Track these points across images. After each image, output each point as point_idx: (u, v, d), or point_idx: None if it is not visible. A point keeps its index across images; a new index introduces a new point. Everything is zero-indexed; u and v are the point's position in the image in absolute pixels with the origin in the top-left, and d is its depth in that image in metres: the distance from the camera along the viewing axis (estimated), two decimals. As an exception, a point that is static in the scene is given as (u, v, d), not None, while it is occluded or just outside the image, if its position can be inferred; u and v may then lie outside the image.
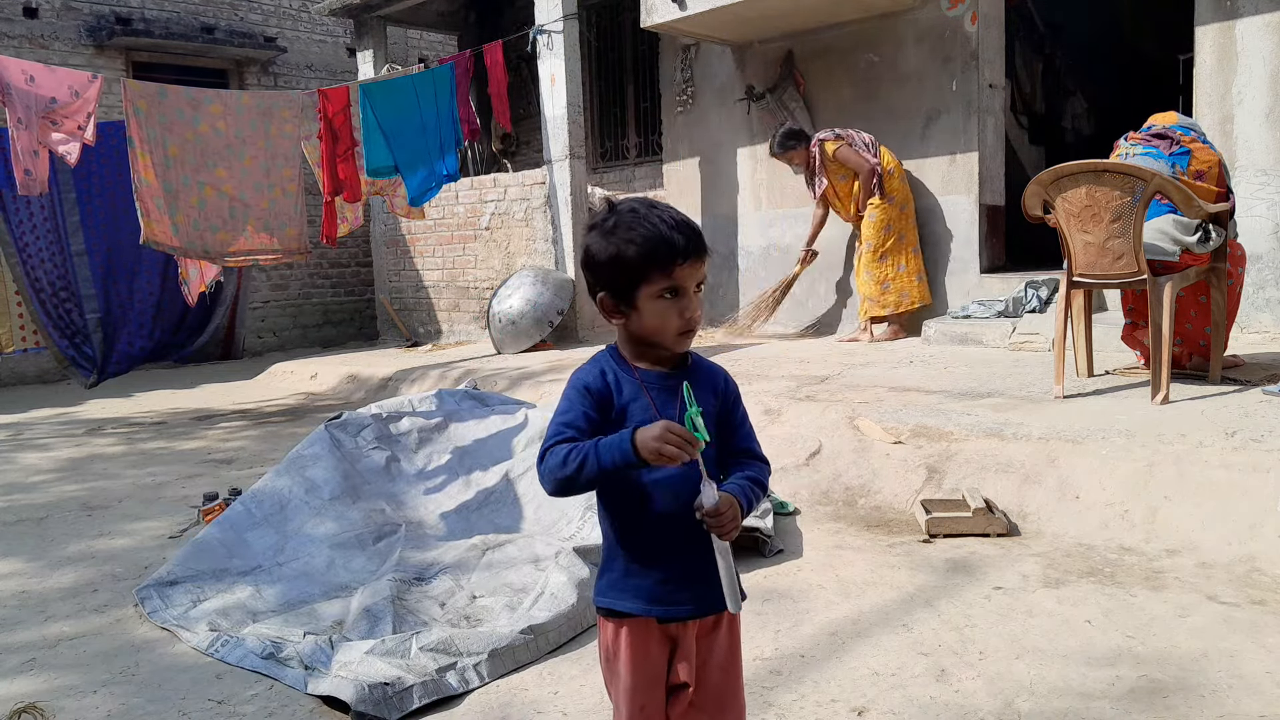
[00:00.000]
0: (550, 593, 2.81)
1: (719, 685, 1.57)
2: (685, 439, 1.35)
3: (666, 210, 1.50)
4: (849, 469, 4.05)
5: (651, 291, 1.46)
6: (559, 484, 1.44)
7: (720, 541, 1.42)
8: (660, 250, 1.45)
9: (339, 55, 12.04)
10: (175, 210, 6.10)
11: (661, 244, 1.45)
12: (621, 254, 1.46)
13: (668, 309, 1.47)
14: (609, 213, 1.51)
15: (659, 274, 1.45)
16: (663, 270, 1.45)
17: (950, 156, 7.03)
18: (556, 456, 1.44)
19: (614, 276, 1.48)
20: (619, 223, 1.48)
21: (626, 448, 1.38)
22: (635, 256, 1.45)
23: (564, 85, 8.17)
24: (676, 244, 1.45)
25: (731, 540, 1.43)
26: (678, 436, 1.35)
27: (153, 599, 3.06)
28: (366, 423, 4.17)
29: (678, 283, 1.46)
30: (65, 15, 9.99)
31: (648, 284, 1.46)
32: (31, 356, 8.42)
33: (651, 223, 1.46)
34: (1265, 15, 5.56)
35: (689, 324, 1.48)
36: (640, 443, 1.36)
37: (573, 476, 1.42)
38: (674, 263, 1.45)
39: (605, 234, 1.49)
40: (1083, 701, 2.18)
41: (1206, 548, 3.08)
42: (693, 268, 1.47)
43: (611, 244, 1.48)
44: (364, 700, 2.28)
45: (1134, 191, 4.01)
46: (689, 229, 1.47)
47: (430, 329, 9.99)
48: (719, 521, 1.40)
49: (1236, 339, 5.02)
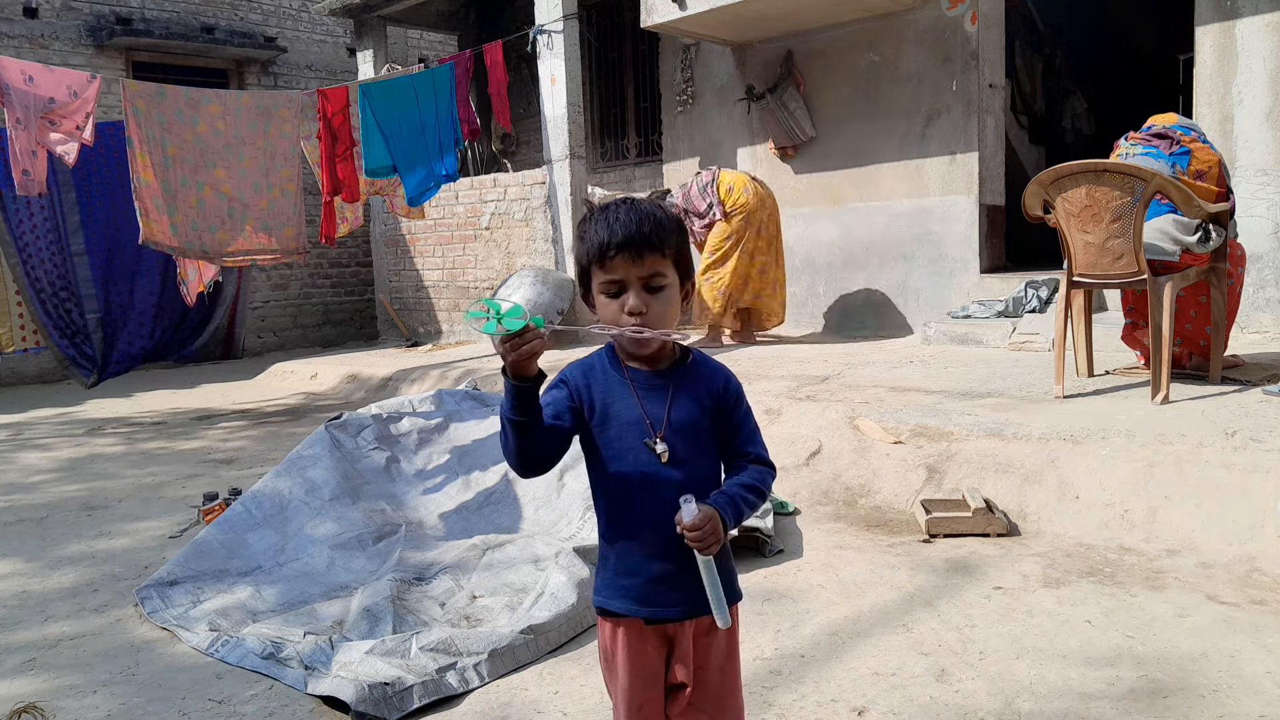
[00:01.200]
0: (550, 593, 2.80)
1: (717, 685, 1.57)
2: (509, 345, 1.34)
3: (628, 208, 1.49)
4: (849, 469, 4.05)
5: (597, 286, 1.50)
6: (507, 455, 1.47)
7: (702, 556, 1.41)
8: (595, 247, 1.47)
9: (339, 55, 12.04)
10: (174, 210, 6.09)
11: (602, 242, 1.47)
12: (577, 254, 1.54)
13: (610, 305, 1.49)
14: (586, 214, 1.55)
15: (597, 269, 1.49)
16: (599, 265, 1.48)
17: (950, 156, 7.03)
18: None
19: (580, 273, 1.54)
20: (585, 224, 1.52)
21: (503, 377, 1.40)
22: (582, 255, 1.51)
23: (564, 85, 8.17)
24: (610, 239, 1.45)
25: (713, 555, 1.41)
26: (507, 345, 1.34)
27: (153, 599, 3.06)
28: (366, 423, 4.17)
29: (615, 276, 1.47)
30: (65, 15, 9.98)
31: (593, 279, 1.51)
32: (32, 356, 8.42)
33: (604, 221, 1.48)
34: (1265, 15, 5.56)
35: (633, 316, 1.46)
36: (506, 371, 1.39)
37: (505, 443, 1.45)
38: (606, 257, 1.46)
39: (578, 236, 1.54)
40: (1083, 702, 2.18)
41: (1206, 548, 3.08)
42: (630, 262, 1.45)
43: (575, 245, 1.55)
44: (364, 700, 2.28)
45: (1134, 191, 4.00)
46: (634, 224, 1.46)
47: (430, 329, 9.99)
48: (698, 536, 1.39)
49: (1236, 339, 5.03)
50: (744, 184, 6.96)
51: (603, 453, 1.50)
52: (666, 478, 1.47)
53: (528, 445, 1.44)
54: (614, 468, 1.49)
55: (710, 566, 1.42)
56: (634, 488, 1.49)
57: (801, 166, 7.90)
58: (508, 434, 1.43)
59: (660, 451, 1.47)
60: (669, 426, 1.49)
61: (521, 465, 1.47)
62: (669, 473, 1.47)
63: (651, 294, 1.47)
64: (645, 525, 1.49)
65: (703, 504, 1.42)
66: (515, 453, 1.45)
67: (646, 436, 1.48)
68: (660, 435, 1.48)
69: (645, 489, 1.48)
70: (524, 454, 1.45)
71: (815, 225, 7.86)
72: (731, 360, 6.21)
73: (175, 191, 6.11)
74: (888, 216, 7.42)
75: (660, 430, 1.49)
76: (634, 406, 1.50)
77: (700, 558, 1.41)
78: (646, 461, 1.48)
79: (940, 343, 6.41)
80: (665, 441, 1.48)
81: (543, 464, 1.48)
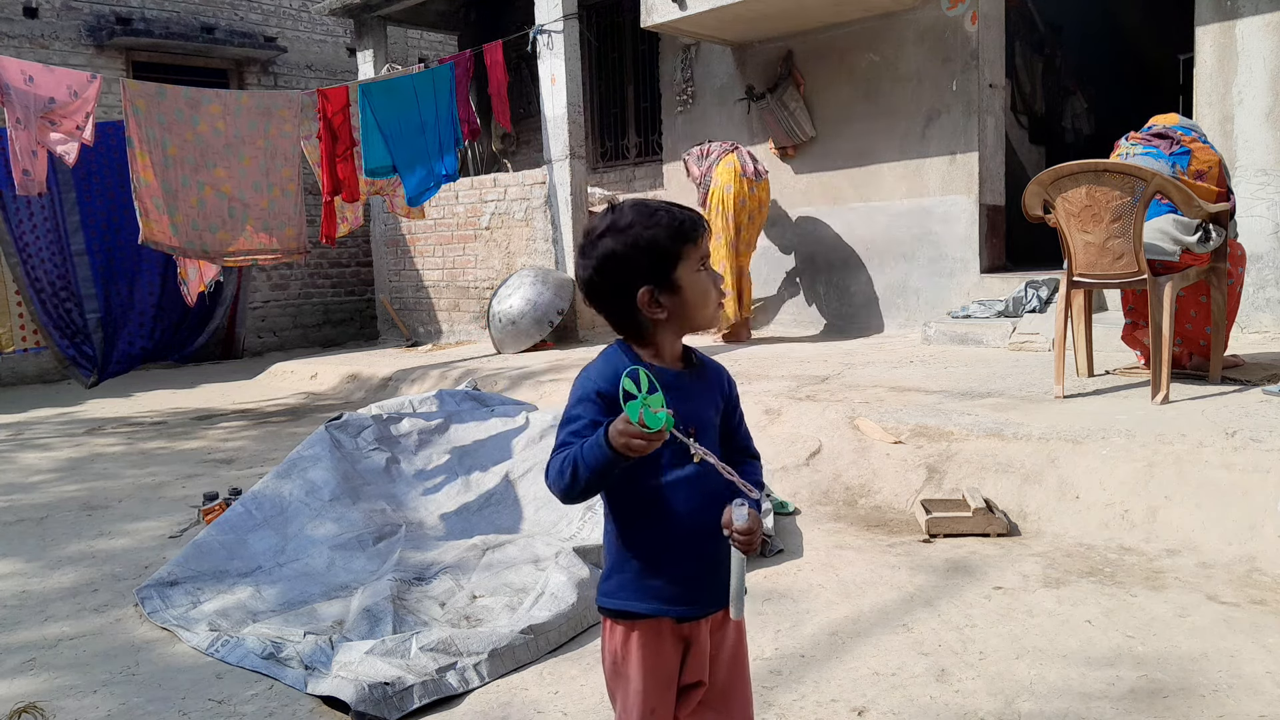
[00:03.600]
0: (550, 593, 2.80)
1: (727, 679, 1.58)
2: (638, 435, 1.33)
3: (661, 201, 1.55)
4: (849, 469, 4.05)
5: (690, 266, 1.50)
6: (564, 493, 1.45)
7: (740, 555, 1.43)
8: (684, 225, 1.49)
9: (339, 55, 12.04)
10: (174, 210, 6.09)
11: (681, 220, 1.49)
12: (654, 240, 1.47)
13: (706, 281, 1.51)
14: (612, 214, 1.51)
15: (691, 247, 1.49)
16: (694, 242, 1.50)
17: (950, 156, 7.03)
18: (554, 467, 1.44)
19: (651, 264, 1.48)
20: (632, 216, 1.49)
21: (603, 445, 1.37)
22: (668, 237, 1.48)
23: (564, 85, 8.17)
24: (691, 217, 1.51)
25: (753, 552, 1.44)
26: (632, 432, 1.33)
27: (153, 599, 3.06)
28: (367, 424, 4.17)
29: (707, 252, 1.53)
30: (65, 15, 9.98)
31: (684, 260, 1.49)
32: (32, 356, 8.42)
33: (656, 207, 1.51)
34: (1265, 15, 5.56)
35: (721, 293, 1.55)
36: (612, 440, 1.36)
37: (570, 485, 1.42)
38: (699, 232, 1.50)
39: (622, 230, 1.48)
40: (1083, 702, 2.18)
41: (1206, 548, 3.08)
42: (706, 239, 1.53)
43: (632, 236, 1.47)
44: (364, 700, 2.28)
45: (1134, 191, 4.00)
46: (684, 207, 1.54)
47: (430, 329, 9.99)
48: (749, 540, 1.41)
49: (1236, 339, 5.02)
50: (729, 180, 7.05)
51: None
52: (695, 475, 1.48)
53: (591, 494, 1.46)
54: (644, 467, 1.47)
55: (743, 563, 1.44)
56: (664, 487, 1.49)
57: (801, 166, 7.90)
58: (580, 487, 1.42)
59: (694, 452, 1.45)
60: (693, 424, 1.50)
61: (573, 503, 1.50)
62: (696, 470, 1.47)
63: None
64: (676, 524, 1.48)
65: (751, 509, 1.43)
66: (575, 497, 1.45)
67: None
68: (693, 431, 1.46)
69: (675, 487, 1.49)
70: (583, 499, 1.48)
71: (815, 225, 7.86)
72: (731, 360, 6.21)
73: (175, 191, 6.11)
74: (888, 216, 7.42)
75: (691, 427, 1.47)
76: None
77: (737, 556, 1.43)
78: (677, 460, 1.48)
79: (940, 343, 6.41)
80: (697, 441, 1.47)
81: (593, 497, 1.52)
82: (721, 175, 7.09)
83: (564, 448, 1.44)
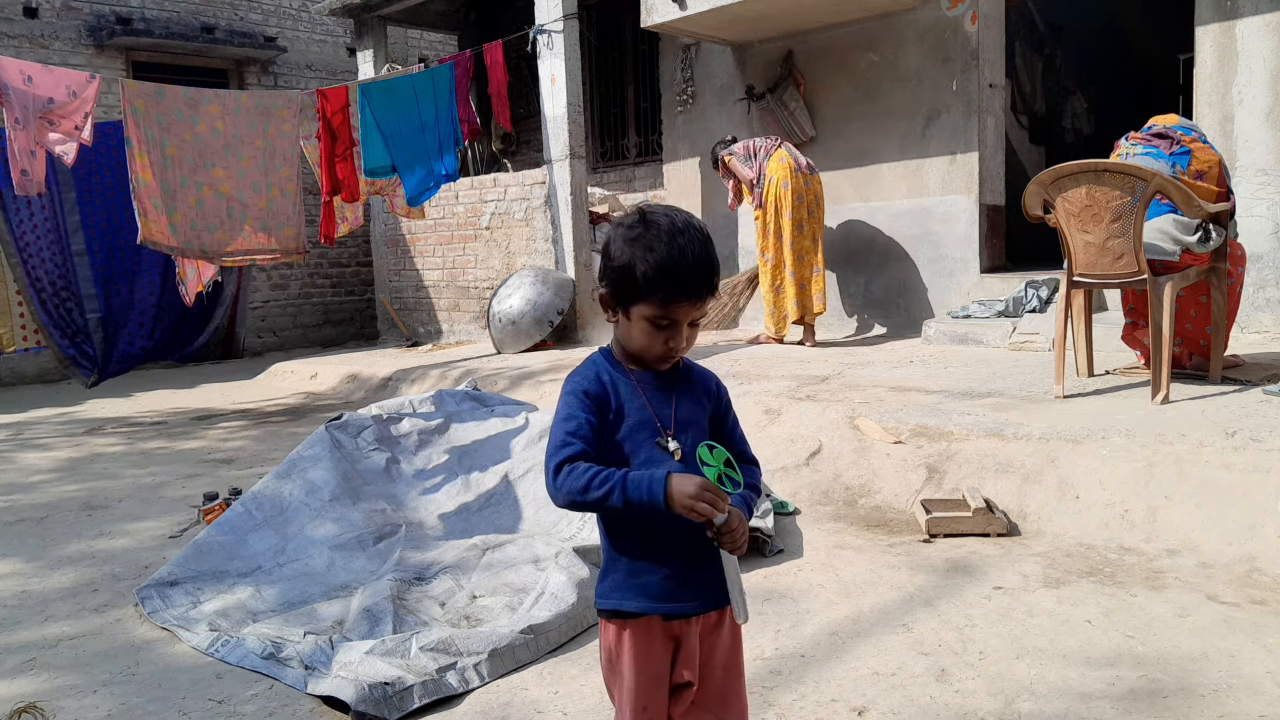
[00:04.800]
0: (550, 593, 2.80)
1: (722, 683, 1.58)
2: (719, 496, 1.37)
3: (694, 238, 1.46)
4: (849, 469, 4.05)
5: (643, 313, 1.46)
6: (575, 505, 1.44)
7: (729, 555, 1.45)
8: (667, 283, 1.43)
9: (339, 55, 12.04)
10: (172, 210, 6.09)
11: (671, 277, 1.43)
12: (631, 267, 1.45)
13: (654, 335, 1.48)
14: (639, 221, 1.49)
15: (657, 302, 1.45)
16: (662, 302, 1.45)
17: (950, 156, 7.03)
18: (578, 479, 1.41)
19: (618, 281, 1.48)
20: (644, 235, 1.46)
21: (658, 495, 1.37)
22: (641, 277, 1.44)
23: (564, 85, 8.17)
24: (685, 284, 1.43)
25: (741, 553, 1.45)
26: (713, 494, 1.36)
27: (153, 599, 3.06)
28: (367, 424, 4.17)
29: (672, 317, 1.46)
30: (65, 15, 9.98)
31: (644, 304, 1.46)
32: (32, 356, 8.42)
33: (674, 251, 1.43)
34: (1265, 15, 5.56)
35: (670, 354, 1.50)
36: (675, 496, 1.36)
37: (593, 504, 1.42)
38: (676, 300, 1.44)
39: (628, 240, 1.47)
40: (1083, 702, 2.18)
41: (1207, 548, 3.08)
42: (693, 307, 1.47)
43: (627, 253, 1.46)
44: (364, 700, 2.28)
45: (1134, 191, 4.00)
46: (705, 270, 1.45)
47: (430, 329, 9.99)
48: (731, 537, 1.42)
49: (1237, 339, 5.02)
50: (784, 175, 6.65)
51: (619, 453, 1.51)
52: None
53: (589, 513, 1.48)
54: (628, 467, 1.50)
55: (735, 564, 1.46)
56: None
57: (801, 166, 7.89)
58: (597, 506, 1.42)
59: (673, 449, 1.49)
60: (676, 425, 1.52)
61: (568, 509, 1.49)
62: (681, 470, 1.48)
63: (690, 329, 1.50)
64: (661, 523, 1.49)
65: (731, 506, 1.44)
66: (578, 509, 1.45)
67: (657, 436, 1.50)
68: (670, 433, 1.50)
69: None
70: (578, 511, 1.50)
71: (815, 225, 7.84)
72: (731, 360, 6.21)
73: (174, 191, 6.11)
74: (888, 216, 7.42)
75: (670, 429, 1.51)
76: (642, 407, 1.51)
77: (726, 556, 1.45)
78: (659, 460, 1.49)
79: (940, 342, 6.41)
80: (675, 439, 1.50)
81: None
82: (776, 172, 6.68)
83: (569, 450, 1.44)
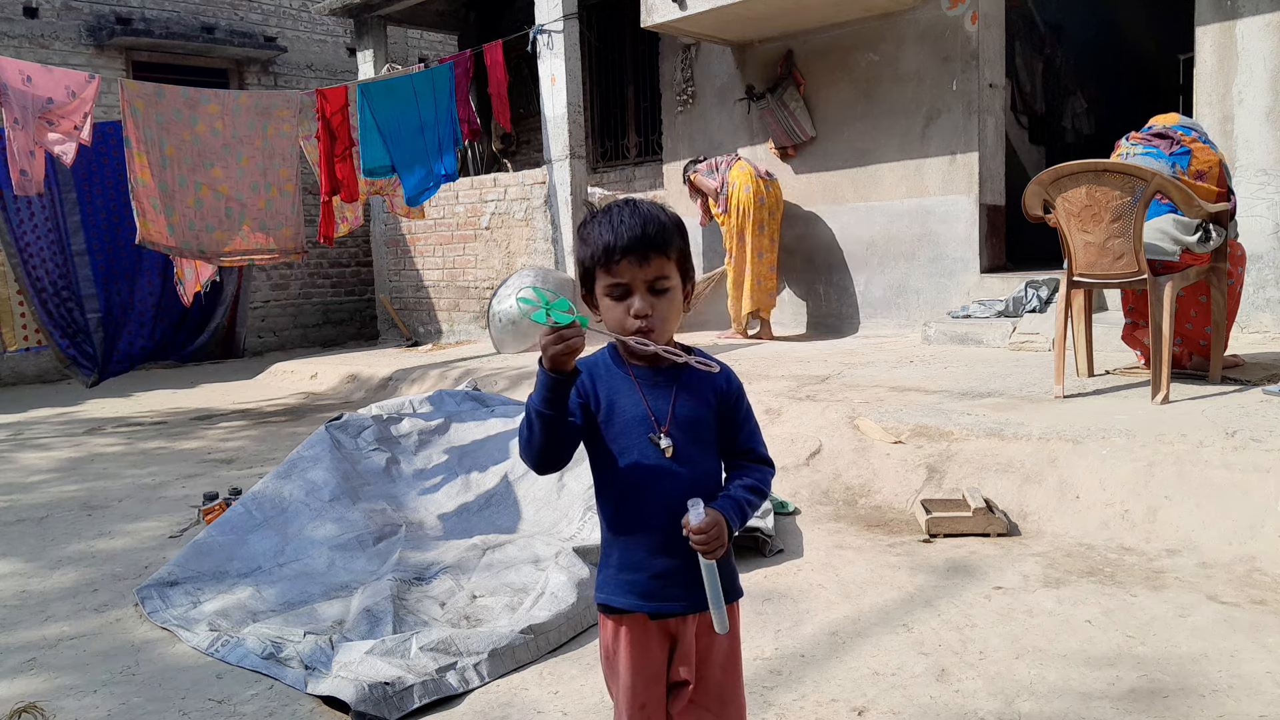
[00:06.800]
0: (550, 593, 2.80)
1: (719, 682, 1.57)
2: (560, 333, 1.37)
3: (631, 209, 1.50)
4: (849, 469, 4.05)
5: (601, 289, 1.51)
6: (526, 449, 1.48)
7: (705, 560, 1.42)
8: (604, 248, 1.47)
9: (339, 55, 12.04)
10: (171, 210, 6.09)
11: (602, 243, 1.47)
12: (579, 256, 1.53)
13: (617, 308, 1.49)
14: (588, 216, 1.55)
15: (602, 271, 1.49)
16: (604, 268, 1.48)
17: (950, 156, 7.03)
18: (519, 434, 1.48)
19: (582, 275, 1.54)
20: (589, 223, 1.52)
21: (538, 372, 1.41)
22: (585, 257, 1.51)
23: (564, 85, 8.17)
24: (615, 242, 1.46)
25: (717, 559, 1.42)
26: (551, 339, 1.37)
27: (153, 599, 3.06)
28: (367, 424, 4.17)
29: (621, 279, 1.47)
30: (65, 15, 9.98)
31: (598, 282, 1.51)
32: (32, 356, 8.43)
33: (606, 223, 1.49)
34: (1265, 15, 5.56)
35: (644, 327, 1.47)
36: (542, 361, 1.40)
37: (527, 435, 1.45)
38: (612, 260, 1.46)
39: (580, 236, 1.54)
40: (1083, 701, 2.18)
41: (1207, 548, 3.08)
42: (636, 265, 1.46)
43: (579, 246, 1.54)
44: (364, 700, 2.28)
45: (1134, 191, 4.00)
46: (639, 226, 1.47)
47: (430, 329, 9.98)
48: (703, 540, 1.40)
49: (1236, 339, 5.02)
50: (745, 181, 7.26)
51: (608, 449, 1.51)
52: (671, 473, 1.48)
53: (551, 440, 1.45)
54: (619, 463, 1.50)
55: (713, 571, 1.42)
56: (638, 483, 1.50)
57: (802, 166, 7.90)
58: (535, 428, 1.44)
59: (665, 447, 1.48)
60: (673, 422, 1.50)
61: (540, 461, 1.48)
62: (673, 468, 1.48)
63: (656, 296, 1.48)
64: (650, 521, 1.49)
65: (710, 508, 1.42)
66: (539, 448, 1.46)
67: (651, 432, 1.49)
68: (665, 430, 1.49)
69: (650, 484, 1.49)
70: (546, 449, 1.46)
71: (815, 225, 7.85)
72: (731, 360, 6.20)
73: (172, 191, 6.11)
74: (888, 216, 7.42)
75: (664, 426, 1.50)
76: (638, 403, 1.51)
77: (703, 562, 1.42)
78: (651, 457, 1.49)
79: (940, 342, 6.41)
80: (669, 437, 1.49)
81: (560, 461, 1.50)
82: (738, 178, 7.31)
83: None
